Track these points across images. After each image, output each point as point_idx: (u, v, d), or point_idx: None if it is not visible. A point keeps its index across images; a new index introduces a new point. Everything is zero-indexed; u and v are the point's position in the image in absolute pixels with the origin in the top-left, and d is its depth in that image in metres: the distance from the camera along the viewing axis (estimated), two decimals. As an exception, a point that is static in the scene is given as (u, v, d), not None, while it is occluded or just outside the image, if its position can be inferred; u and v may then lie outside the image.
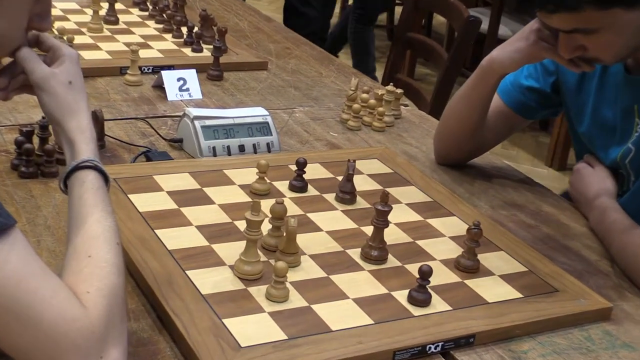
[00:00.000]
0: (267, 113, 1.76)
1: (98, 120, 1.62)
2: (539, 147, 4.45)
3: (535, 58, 1.58)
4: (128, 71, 2.03)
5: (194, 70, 2.02)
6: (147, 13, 2.49)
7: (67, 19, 2.34)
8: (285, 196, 1.52)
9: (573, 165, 1.74)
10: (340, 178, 1.57)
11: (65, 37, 2.05)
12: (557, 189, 2.00)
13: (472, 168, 1.83)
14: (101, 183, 1.07)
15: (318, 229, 1.42)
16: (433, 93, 2.59)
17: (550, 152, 4.25)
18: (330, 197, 1.54)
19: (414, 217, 1.52)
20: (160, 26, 2.39)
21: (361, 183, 1.59)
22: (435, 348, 1.17)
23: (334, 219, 1.47)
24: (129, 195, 1.43)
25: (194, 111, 1.70)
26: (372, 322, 1.19)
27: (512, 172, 1.85)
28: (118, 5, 2.45)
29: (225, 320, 1.14)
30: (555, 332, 1.27)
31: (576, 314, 1.29)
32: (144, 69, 2.08)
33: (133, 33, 2.32)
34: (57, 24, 2.14)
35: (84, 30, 2.28)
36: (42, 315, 0.89)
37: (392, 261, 1.36)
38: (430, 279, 1.24)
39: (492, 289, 1.32)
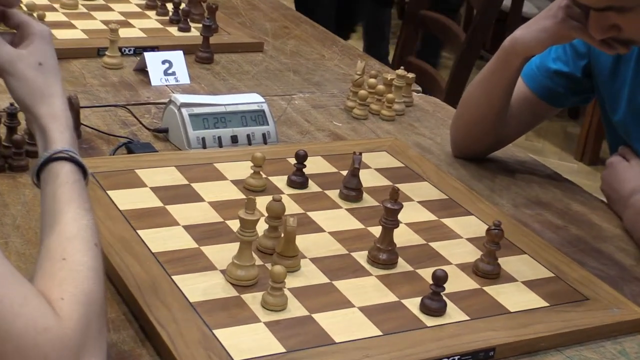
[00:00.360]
0: (263, 100, 1.76)
1: (73, 108, 1.62)
2: (568, 139, 4.45)
3: (563, 38, 1.58)
4: (106, 52, 2.03)
5: (180, 52, 2.02)
6: (128, -12, 2.49)
7: (39, -6, 2.35)
8: (283, 193, 1.52)
9: (606, 158, 1.74)
10: (344, 173, 1.57)
11: (35, 14, 2.05)
12: (588, 186, 2.00)
13: (493, 162, 1.83)
14: (78, 176, 1.07)
15: (320, 230, 1.43)
16: (449, 78, 2.60)
17: (580, 145, 4.26)
18: (333, 194, 1.54)
19: (427, 216, 1.52)
20: (143, 2, 2.39)
21: (368, 178, 1.60)
22: (450, 363, 1.18)
23: (338, 219, 1.47)
24: (108, 192, 1.44)
25: (181, 98, 1.70)
26: (380, 333, 1.19)
27: (537, 167, 1.86)
28: (96, -21, 2.46)
29: (216, 331, 1.14)
30: (585, 345, 1.27)
31: (609, 325, 1.30)
32: (125, 50, 2.08)
33: (112, 10, 2.33)
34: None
35: (56, 6, 2.28)
36: (11, 326, 0.89)
37: (403, 265, 1.36)
38: (445, 286, 1.24)
39: (515, 297, 1.32)
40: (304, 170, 1.55)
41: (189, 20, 2.26)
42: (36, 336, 0.90)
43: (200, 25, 2.15)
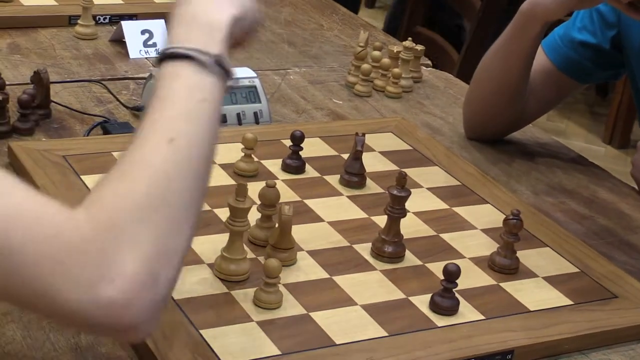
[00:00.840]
0: (255, 75, 1.77)
1: (42, 83, 1.64)
2: (595, 120, 4.47)
3: (587, 1, 1.59)
4: (79, 21, 2.04)
5: (162, 21, 2.03)
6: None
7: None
8: (277, 178, 1.53)
9: (637, 141, 1.75)
10: (345, 156, 1.58)
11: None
12: (616, 172, 2.01)
13: (511, 144, 1.84)
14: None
15: (318, 219, 1.44)
16: (462, 50, 2.60)
17: (609, 126, 4.27)
18: (333, 179, 1.55)
19: (437, 204, 1.54)
20: (120, -35, 2.39)
21: (372, 162, 1.61)
22: (463, 366, 1.20)
23: (338, 207, 1.49)
24: (82, 177, 1.45)
25: (163, 72, 1.71)
26: (386, 334, 1.21)
27: (560, 150, 1.87)
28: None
29: (203, 332, 1.16)
30: (613, 348, 1.29)
31: (639, 325, 1.32)
32: (99, 19, 2.09)
33: (85, -27, 2.33)
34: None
35: (23, -31, 2.28)
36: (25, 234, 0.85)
37: (411, 259, 1.38)
38: (457, 281, 1.26)
39: (535, 294, 1.34)
40: (301, 153, 1.57)
41: (171, -15, 2.26)
42: (54, 236, 0.86)
43: (184, -10, 2.16)
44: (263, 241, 1.34)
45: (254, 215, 1.33)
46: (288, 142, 1.57)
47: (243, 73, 1.77)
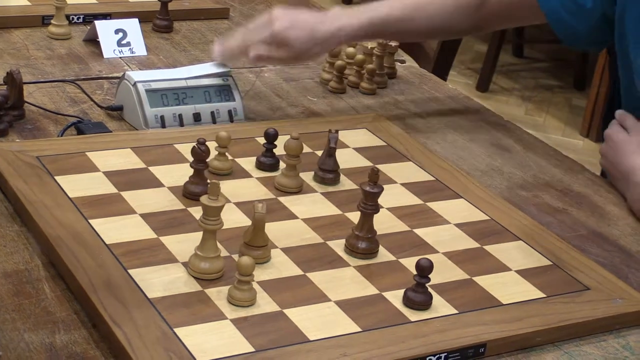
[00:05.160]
0: (229, 73, 1.78)
1: (15, 84, 1.64)
2: (573, 113, 4.48)
3: None
4: (52, 21, 2.03)
5: (136, 20, 2.03)
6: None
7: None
8: (251, 176, 1.54)
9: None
10: (319, 153, 1.59)
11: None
12: (594, 165, 2.02)
13: (485, 138, 1.85)
14: None
15: (292, 216, 1.45)
16: (438, 46, 2.61)
17: (586, 119, 4.29)
18: (307, 176, 1.56)
19: (411, 200, 1.55)
20: (93, -36, 2.39)
21: (346, 159, 1.62)
22: (437, 360, 1.21)
23: (312, 204, 1.49)
24: (55, 177, 1.45)
25: (136, 75, 1.71)
26: (359, 329, 1.22)
27: (535, 143, 1.88)
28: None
29: (177, 330, 1.16)
30: (586, 340, 1.30)
31: (612, 317, 1.32)
32: (73, 19, 2.09)
33: (58, -27, 2.32)
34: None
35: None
36: None
37: (384, 255, 1.39)
38: (430, 276, 1.27)
39: (508, 288, 1.35)
40: (275, 150, 1.57)
41: (144, -17, 2.27)
42: None
43: (158, -11, 2.16)
44: (288, 188, 1.50)
45: (231, 211, 1.33)
46: (262, 140, 1.58)
47: (217, 71, 1.77)
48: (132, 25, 2.02)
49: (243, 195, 1.48)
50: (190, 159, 1.44)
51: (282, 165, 1.54)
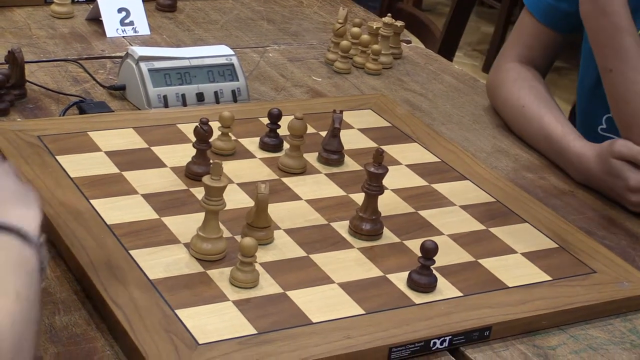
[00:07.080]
0: (233, 52, 1.77)
1: (17, 63, 1.63)
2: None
3: None
4: (55, 0, 2.02)
5: (139, -1, 2.03)
6: None
7: None
8: (254, 156, 1.53)
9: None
10: (324, 134, 1.58)
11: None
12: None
13: (491, 120, 1.84)
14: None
15: (296, 197, 1.44)
16: (444, 26, 2.60)
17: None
18: (311, 157, 1.55)
19: (416, 181, 1.54)
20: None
21: (351, 139, 1.61)
22: (441, 344, 1.19)
23: (316, 185, 1.48)
24: (57, 157, 1.44)
25: (140, 50, 1.70)
26: (363, 312, 1.21)
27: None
28: None
29: (178, 312, 1.16)
30: (592, 323, 1.29)
31: (618, 300, 1.32)
32: (76, -3, 2.08)
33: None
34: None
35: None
36: None
37: (389, 236, 1.38)
38: (435, 258, 1.26)
39: (513, 270, 1.34)
40: (278, 131, 1.56)
41: (148, -38, 2.25)
42: None
43: (161, -32, 2.15)
44: (292, 168, 1.49)
45: (234, 192, 1.32)
46: (266, 120, 1.57)
47: (221, 51, 1.76)
48: (135, 4, 2.01)
49: (246, 176, 1.47)
50: (193, 139, 1.43)
51: (285, 145, 1.52)
